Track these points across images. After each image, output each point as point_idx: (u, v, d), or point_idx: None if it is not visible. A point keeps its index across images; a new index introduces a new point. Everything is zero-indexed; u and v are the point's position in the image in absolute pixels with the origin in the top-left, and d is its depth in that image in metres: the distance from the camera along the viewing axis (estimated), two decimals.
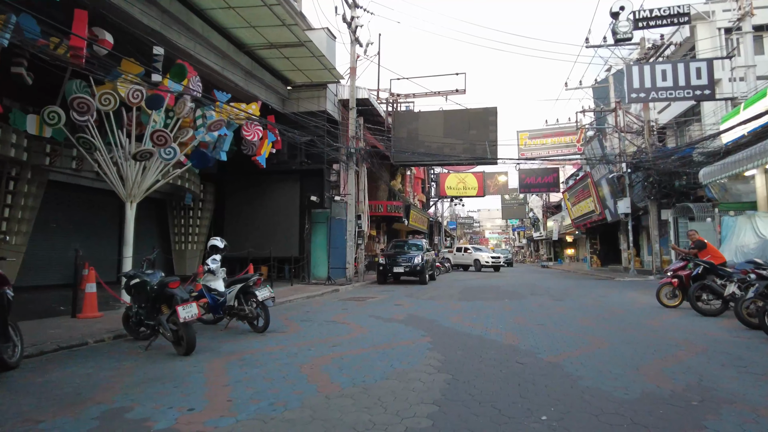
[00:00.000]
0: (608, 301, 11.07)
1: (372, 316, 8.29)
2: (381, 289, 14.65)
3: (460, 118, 19.42)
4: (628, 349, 5.42)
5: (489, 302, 10.63)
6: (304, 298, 11.62)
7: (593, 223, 28.16)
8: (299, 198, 16.56)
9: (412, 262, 16.66)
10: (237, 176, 17.52)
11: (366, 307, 9.84)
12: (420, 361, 4.85)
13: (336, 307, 9.89)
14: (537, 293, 13.22)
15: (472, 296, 12.20)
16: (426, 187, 36.79)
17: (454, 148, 18.87)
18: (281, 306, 10.12)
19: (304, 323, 7.53)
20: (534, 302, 10.77)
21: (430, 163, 19.52)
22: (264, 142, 14.95)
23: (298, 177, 16.73)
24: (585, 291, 14.06)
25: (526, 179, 37.25)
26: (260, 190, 17.25)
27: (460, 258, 32.07)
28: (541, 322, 7.48)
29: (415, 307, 9.80)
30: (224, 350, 5.49)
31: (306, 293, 12.45)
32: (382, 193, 27.64)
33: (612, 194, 22.85)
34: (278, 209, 16.93)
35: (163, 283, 5.35)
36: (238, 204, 17.51)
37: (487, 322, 7.45)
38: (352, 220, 16.11)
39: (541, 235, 50.02)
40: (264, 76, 15.21)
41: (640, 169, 20.33)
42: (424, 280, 16.80)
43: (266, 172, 16.87)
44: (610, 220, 24.63)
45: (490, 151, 18.59)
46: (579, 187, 28.63)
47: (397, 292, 13.72)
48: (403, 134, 19.40)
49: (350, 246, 16.01)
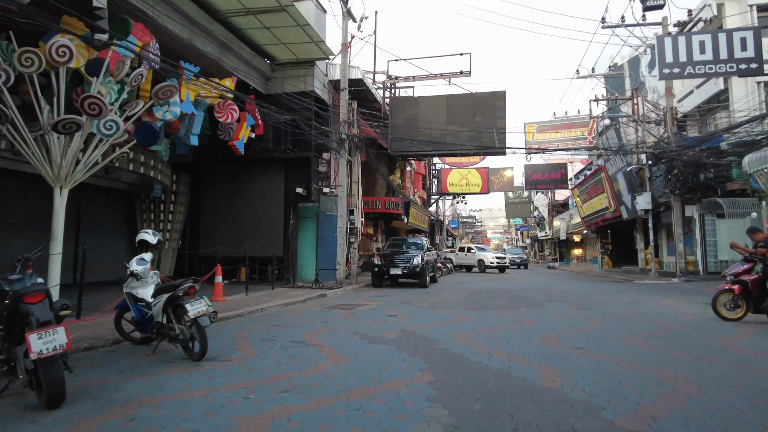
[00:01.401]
0: (645, 310, 9.20)
1: (356, 333, 6.43)
2: (375, 294, 12.79)
3: (465, 104, 17.56)
4: (734, 397, 3.55)
5: (502, 312, 8.76)
6: (281, 306, 9.76)
7: (606, 221, 26.27)
8: (284, 190, 14.72)
9: (411, 262, 14.81)
10: (215, 166, 15.68)
11: (352, 318, 7.98)
12: (416, 426, 2.99)
13: (315, 318, 8.04)
14: (555, 299, 11.35)
15: (480, 304, 10.33)
16: (427, 183, 34.93)
17: (458, 137, 17.01)
18: (250, 317, 8.27)
19: (263, 345, 5.67)
20: (556, 311, 8.90)
21: (431, 154, 17.66)
22: (242, 125, 13.13)
23: (283, 167, 14.88)
24: (609, 296, 12.19)
25: (533, 176, 35.38)
26: (241, 182, 15.40)
27: (463, 258, 30.20)
28: (579, 344, 5.61)
29: (412, 318, 7.94)
30: (118, 397, 3.63)
31: (286, 299, 10.60)
32: (379, 189, 25.82)
33: (629, 189, 20.97)
34: (261, 203, 15.08)
35: (17, 295, 3.46)
36: (215, 197, 15.66)
37: (507, 345, 5.59)
38: (344, 216, 14.26)
39: (547, 235, 48.13)
40: (242, 50, 13.37)
41: (662, 160, 18.45)
42: (424, 283, 14.95)
43: (247, 161, 15.05)
44: (626, 217, 22.74)
45: (498, 139, 16.73)
46: (591, 182, 26.74)
47: (392, 297, 11.87)
48: (401, 122, 17.55)
49: (341, 244, 14.16)
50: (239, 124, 13.03)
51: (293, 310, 9.21)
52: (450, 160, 36.44)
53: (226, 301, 9.94)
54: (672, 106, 18.52)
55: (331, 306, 9.92)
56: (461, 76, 17.08)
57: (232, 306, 9.04)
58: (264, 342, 5.82)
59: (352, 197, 15.48)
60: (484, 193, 36.79)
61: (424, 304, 10.29)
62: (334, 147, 14.40)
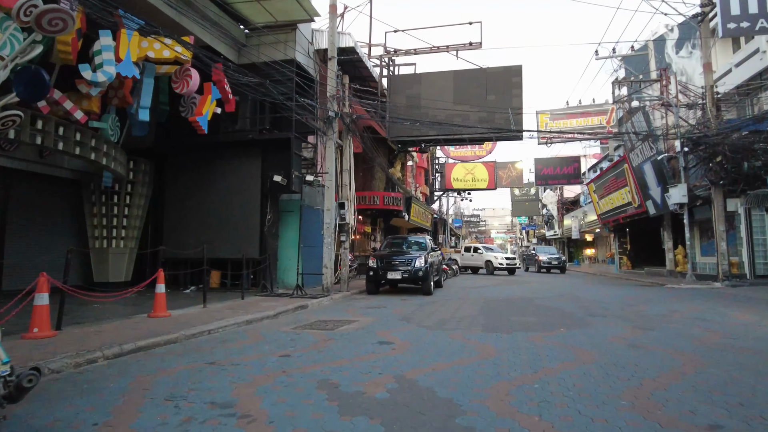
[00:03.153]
0: (724, 328, 6.80)
1: (323, 385, 4.03)
2: (368, 304, 10.43)
3: (475, 81, 15.18)
4: None
5: (539, 337, 6.38)
6: (240, 325, 7.39)
7: (628, 218, 23.84)
8: (261, 179, 12.35)
9: (412, 265, 12.46)
10: (180, 151, 13.34)
11: (327, 350, 5.60)
12: None
13: (275, 348, 5.66)
14: (595, 313, 8.95)
15: (503, 321, 7.95)
16: (430, 178, 32.53)
17: (468, 118, 14.63)
18: (185, 345, 5.91)
19: (155, 412, 3.30)
20: (609, 333, 6.52)
21: (436, 139, 15.29)
22: (206, 98, 10.77)
23: (260, 151, 12.51)
24: (658, 307, 9.78)
25: (543, 170, 32.95)
26: (211, 170, 13.04)
27: (469, 259, 27.83)
28: (692, 406, 3.23)
29: (413, 349, 5.56)
30: None
31: (252, 313, 8.24)
32: (378, 182, 23.51)
33: (659, 181, 18.56)
34: (235, 195, 12.72)
35: None
36: (182, 188, 13.31)
37: (581, 417, 3.20)
38: (331, 209, 11.89)
39: (556, 234, 45.67)
40: (208, 7, 11.02)
41: (701, 146, 16.03)
42: (428, 290, 12.60)
43: (219, 145, 12.71)
44: (653, 213, 20.32)
45: (514, 120, 14.34)
46: (610, 175, 24.32)
47: (389, 308, 9.49)
48: (401, 102, 15.17)
49: (328, 244, 11.79)
50: (202, 97, 10.71)
51: (253, 333, 6.83)
52: (454, 153, 34.05)
53: (170, 317, 7.59)
54: (711, 84, 16.11)
55: (307, 324, 7.54)
56: (470, 49, 14.70)
57: (169, 326, 6.68)
58: (164, 406, 3.45)
59: (343, 188, 13.12)
60: (491, 188, 34.33)
61: (429, 320, 7.90)
62: (319, 127, 12.03)
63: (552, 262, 28.83)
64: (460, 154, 33.49)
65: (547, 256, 29.15)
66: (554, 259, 28.97)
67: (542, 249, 31.49)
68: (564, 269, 28.82)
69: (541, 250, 30.72)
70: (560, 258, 29.24)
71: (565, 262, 29.38)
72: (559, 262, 28.77)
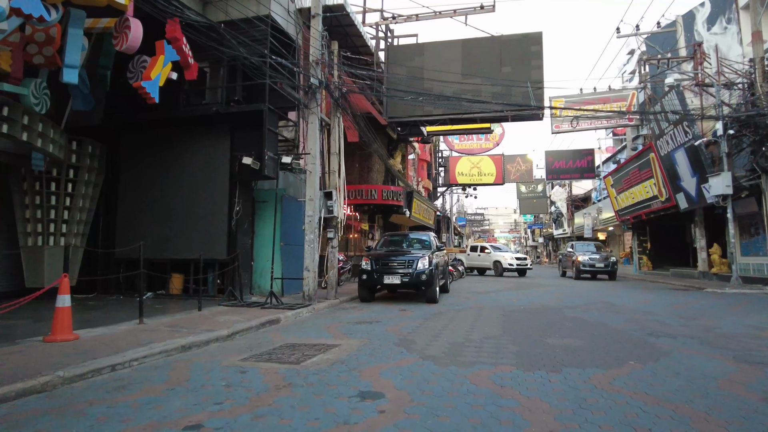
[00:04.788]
0: None
1: None
2: (358, 317, 8.24)
3: (488, 50, 12.99)
4: None
5: (603, 378, 4.18)
6: (170, 353, 5.22)
7: (652, 214, 21.60)
8: (230, 163, 10.17)
9: (414, 266, 10.28)
10: (137, 131, 11.17)
11: (270, 413, 3.42)
12: None
13: (189, 403, 3.48)
14: (657, 331, 6.75)
15: (539, 346, 5.76)
16: (433, 172, 30.31)
17: (479, 94, 12.44)
18: (57, 394, 3.73)
19: None
20: (712, 373, 4.32)
21: (441, 118, 13.10)
22: (156, 60, 8.64)
23: (229, 129, 10.34)
24: (726, 320, 7.57)
25: (555, 163, 30.71)
26: (173, 153, 10.87)
27: (476, 260, 25.63)
28: None
29: (414, 412, 3.36)
30: None
31: (198, 333, 6.07)
32: (376, 175, 21.34)
33: (694, 170, 16.32)
34: (200, 182, 10.55)
35: None
36: (139, 174, 11.13)
37: None
38: (315, 199, 9.70)
39: (565, 233, 43.43)
40: None
41: (749, 128, 13.81)
42: (433, 297, 10.43)
43: (180, 122, 10.56)
44: (686, 207, 18.08)
45: (534, 96, 12.15)
46: (632, 167, 22.07)
47: (383, 325, 7.30)
48: (400, 77, 12.98)
49: (310, 241, 9.60)
50: (153, 58, 8.56)
51: (179, 369, 4.65)
52: (459, 146, 31.85)
53: (75, 341, 5.41)
54: (762, 56, 13.88)
55: (264, 353, 5.36)
56: (481, 12, 12.48)
57: (58, 357, 4.51)
58: None
59: (330, 175, 10.95)
60: (498, 183, 32.07)
61: (437, 345, 5.70)
62: (299, 99, 9.83)
63: (595, 264, 20.04)
64: (465, 147, 31.31)
65: (588, 256, 20.38)
66: (598, 260, 20.16)
67: (582, 246, 22.10)
68: (614, 275, 20.25)
69: (580, 248, 21.59)
70: (607, 259, 20.29)
71: (615, 265, 20.37)
72: (607, 264, 19.97)
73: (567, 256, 22.76)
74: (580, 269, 20.21)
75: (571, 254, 21.37)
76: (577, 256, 20.35)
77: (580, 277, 20.37)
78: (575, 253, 20.92)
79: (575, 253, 20.92)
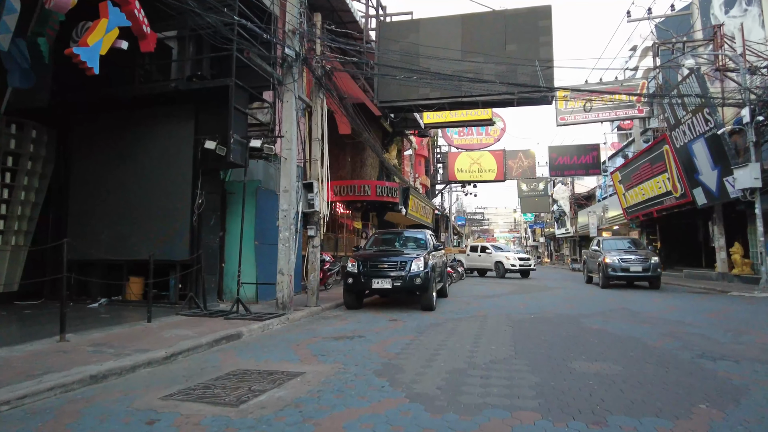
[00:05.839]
0: None
1: None
2: (337, 330, 6.86)
3: (490, 26, 11.64)
4: None
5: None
6: (71, 388, 3.83)
7: (665, 211, 20.26)
8: (193, 149, 8.78)
9: (407, 268, 8.92)
10: (91, 114, 9.78)
11: None
12: None
13: None
14: (709, 351, 5.38)
15: (565, 374, 4.38)
16: (431, 168, 28.93)
17: (481, 75, 11.08)
18: None
19: None
20: None
21: (439, 102, 11.75)
22: (98, 24, 7.28)
23: (193, 110, 8.95)
24: None
25: (558, 159, 29.36)
26: (132, 138, 9.48)
27: (476, 260, 24.25)
28: None
29: None
30: None
31: (125, 356, 4.69)
32: (370, 170, 20.01)
33: (715, 162, 14.97)
34: (159, 172, 9.16)
35: None
36: (94, 164, 9.74)
37: None
38: (290, 190, 8.32)
39: (568, 232, 42.08)
40: None
41: None
42: (429, 304, 9.08)
43: (138, 102, 9.15)
44: (704, 203, 16.73)
45: (542, 76, 10.79)
46: (643, 161, 20.73)
47: (366, 342, 5.93)
48: (393, 55, 11.62)
49: (285, 239, 8.21)
50: (95, 21, 7.19)
51: (61, 419, 3.27)
52: (458, 141, 30.48)
53: None
54: None
55: (199, 386, 3.98)
56: None
57: None
58: None
59: (312, 164, 9.58)
60: (500, 180, 30.68)
61: (430, 376, 4.32)
62: (277, 76, 8.44)
63: (630, 268, 14.30)
64: (465, 143, 29.95)
65: (619, 256, 14.69)
66: (634, 260, 14.43)
67: (611, 243, 16.65)
68: (658, 281, 14.57)
69: (609, 246, 16.19)
70: (647, 259, 14.43)
71: (659, 269, 14.46)
72: (647, 267, 14.20)
73: (593, 257, 16.94)
74: (608, 274, 14.62)
75: (598, 253, 15.94)
76: (605, 256, 14.98)
77: (609, 285, 15.11)
78: (603, 252, 15.50)
79: (603, 252, 15.50)
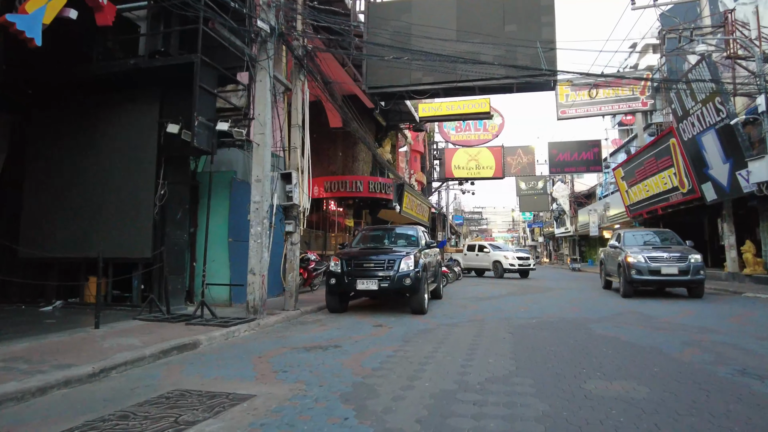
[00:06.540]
0: None
1: None
2: (312, 338, 5.97)
3: (488, 6, 10.79)
4: None
5: None
6: None
7: (671, 208, 19.43)
8: (158, 135, 7.87)
9: (395, 268, 8.05)
10: (49, 98, 8.87)
11: None
12: None
13: None
14: (746, 367, 4.51)
15: (582, 404, 3.49)
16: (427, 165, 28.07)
17: (477, 57, 10.21)
18: None
19: None
20: None
21: (433, 87, 10.89)
22: None
23: (159, 93, 8.04)
24: None
25: (559, 156, 28.54)
26: (92, 125, 8.57)
27: (473, 260, 23.39)
28: None
29: None
30: None
31: (33, 376, 3.78)
32: (362, 165, 19.10)
33: (727, 155, 14.13)
34: (121, 161, 8.26)
35: None
36: (50, 152, 8.83)
37: None
38: (263, 180, 7.43)
39: (567, 231, 41.27)
40: None
41: None
42: (419, 307, 8.20)
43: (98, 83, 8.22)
44: (713, 199, 15.90)
45: (544, 59, 9.92)
46: (648, 155, 19.90)
47: (342, 354, 5.03)
48: (383, 36, 10.74)
49: (256, 235, 7.32)
50: None
51: None
52: (455, 137, 29.61)
53: None
54: None
55: (113, 416, 3.08)
56: None
57: None
58: None
59: (292, 152, 8.69)
60: (498, 177, 29.81)
61: (407, 406, 3.43)
62: (248, 52, 7.55)
63: (662, 269, 10.53)
64: (462, 138, 29.09)
65: (643, 256, 10.74)
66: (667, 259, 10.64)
67: (635, 237, 12.42)
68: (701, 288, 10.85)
69: (632, 241, 12.13)
70: (685, 258, 10.53)
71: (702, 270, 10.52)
72: (686, 268, 10.41)
73: (612, 255, 12.62)
74: (632, 278, 10.69)
75: (619, 251, 11.67)
76: (628, 255, 10.90)
77: (634, 293, 11.08)
78: (624, 250, 11.30)
79: (624, 250, 11.30)
